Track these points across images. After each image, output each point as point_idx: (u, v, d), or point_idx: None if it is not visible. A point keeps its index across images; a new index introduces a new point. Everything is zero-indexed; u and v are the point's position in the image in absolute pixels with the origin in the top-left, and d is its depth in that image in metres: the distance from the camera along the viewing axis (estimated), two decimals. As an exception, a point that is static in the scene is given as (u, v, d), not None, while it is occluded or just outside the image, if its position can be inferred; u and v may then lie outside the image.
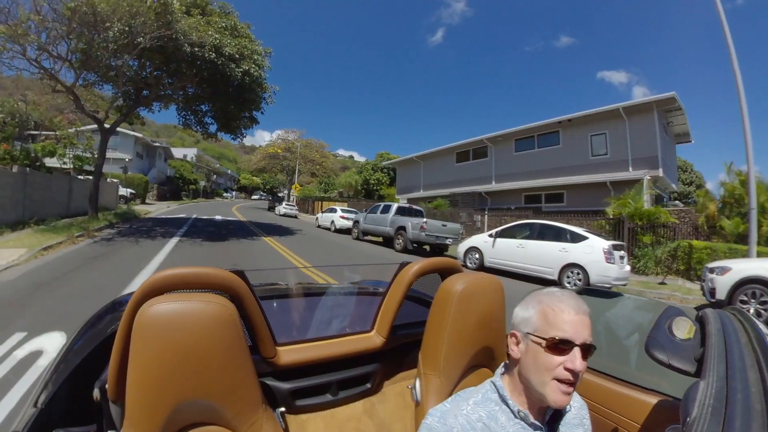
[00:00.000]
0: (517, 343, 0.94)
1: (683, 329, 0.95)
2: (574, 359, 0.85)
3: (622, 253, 9.54)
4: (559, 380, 0.85)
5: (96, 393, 0.97)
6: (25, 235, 10.03)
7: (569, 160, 20.65)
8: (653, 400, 1.18)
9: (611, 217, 14.53)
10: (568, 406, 0.98)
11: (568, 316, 0.88)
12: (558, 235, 10.08)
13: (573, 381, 0.86)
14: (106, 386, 0.92)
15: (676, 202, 24.14)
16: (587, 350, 0.87)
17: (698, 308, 8.07)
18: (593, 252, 9.13)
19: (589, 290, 7.23)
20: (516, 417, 0.91)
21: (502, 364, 1.02)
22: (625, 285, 9.67)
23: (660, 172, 17.28)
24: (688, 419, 0.66)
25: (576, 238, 9.67)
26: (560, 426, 0.94)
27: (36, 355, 3.68)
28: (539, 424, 0.91)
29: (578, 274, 9.24)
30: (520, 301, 1.01)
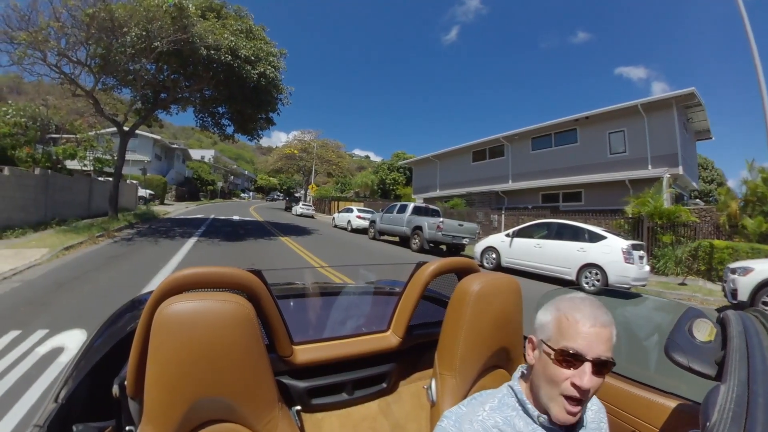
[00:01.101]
0: (533, 349, 0.92)
1: (704, 331, 0.93)
2: (583, 375, 0.80)
3: (641, 252, 9.38)
4: (566, 396, 0.82)
5: (115, 389, 1.00)
6: (47, 236, 10.27)
7: (587, 158, 20.34)
8: (672, 403, 1.15)
9: (630, 216, 14.23)
10: (587, 410, 0.96)
11: (583, 327, 0.82)
12: (576, 234, 9.96)
13: (580, 398, 0.81)
14: (125, 383, 0.95)
15: (697, 200, 23.59)
16: (602, 366, 0.81)
17: (719, 310, 7.86)
18: (612, 252, 8.99)
19: (607, 291, 7.12)
20: (536, 422, 0.88)
21: (519, 367, 1.00)
22: (644, 285, 9.51)
23: (680, 170, 16.91)
24: (707, 424, 0.65)
25: (594, 238, 9.54)
26: (578, 430, 0.92)
27: (57, 351, 3.78)
28: (558, 429, 0.88)
29: (596, 274, 9.11)
30: (539, 303, 0.98)
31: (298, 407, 1.12)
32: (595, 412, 0.98)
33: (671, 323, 1.00)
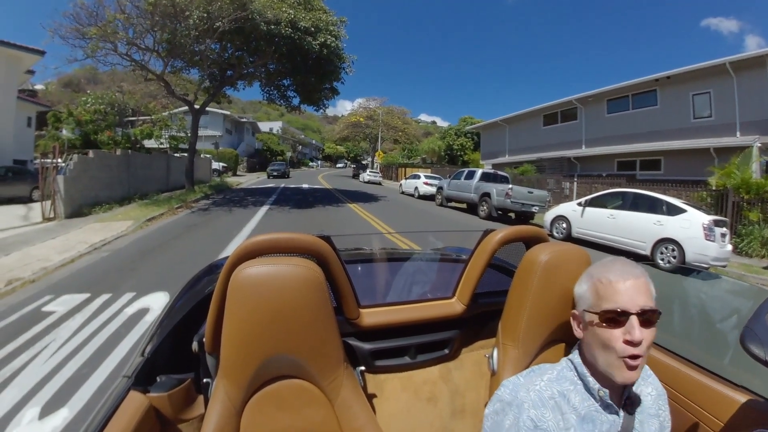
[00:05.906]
0: (579, 323, 0.92)
1: (787, 323, 0.86)
2: (632, 330, 0.79)
3: (723, 230, 8.65)
4: (624, 357, 0.80)
5: (194, 345, 1.10)
6: (131, 209, 11.23)
7: (668, 122, 18.70)
8: (742, 398, 1.07)
9: (714, 188, 12.97)
10: (646, 394, 0.94)
11: (619, 285, 0.83)
12: (653, 206, 9.34)
13: (637, 354, 0.80)
14: (204, 340, 1.04)
15: (792, 174, 20.97)
16: (648, 317, 0.81)
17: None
18: (691, 227, 8.37)
19: (683, 269, 6.65)
20: (595, 397, 0.87)
21: (577, 343, 0.98)
22: (724, 266, 8.74)
23: (773, 138, 15.11)
24: None
25: (673, 211, 8.90)
26: (636, 413, 0.89)
27: (143, 312, 4.20)
28: (616, 406, 0.87)
29: (673, 250, 8.55)
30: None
31: (362, 368, 1.16)
32: (654, 398, 0.95)
33: (751, 311, 0.94)
